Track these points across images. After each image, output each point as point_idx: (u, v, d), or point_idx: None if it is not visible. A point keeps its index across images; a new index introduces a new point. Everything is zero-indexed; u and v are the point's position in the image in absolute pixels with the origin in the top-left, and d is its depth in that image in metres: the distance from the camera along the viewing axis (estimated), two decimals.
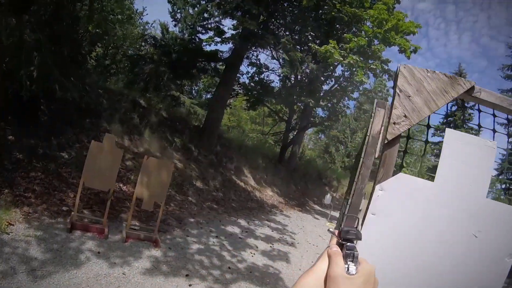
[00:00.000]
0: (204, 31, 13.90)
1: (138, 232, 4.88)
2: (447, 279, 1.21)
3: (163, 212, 5.44)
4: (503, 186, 18.28)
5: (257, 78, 15.58)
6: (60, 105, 6.15)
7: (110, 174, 4.57)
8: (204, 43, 13.55)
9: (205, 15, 13.73)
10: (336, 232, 0.65)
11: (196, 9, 13.83)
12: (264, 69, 15.46)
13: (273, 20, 12.71)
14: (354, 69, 11.31)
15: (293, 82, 14.60)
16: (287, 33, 12.97)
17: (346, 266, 0.57)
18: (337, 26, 13.19)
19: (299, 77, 14.12)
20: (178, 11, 14.55)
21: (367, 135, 1.46)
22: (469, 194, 1.22)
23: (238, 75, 14.49)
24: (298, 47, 13.14)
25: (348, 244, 0.60)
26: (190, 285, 3.90)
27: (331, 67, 13.57)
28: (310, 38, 12.04)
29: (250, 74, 15.76)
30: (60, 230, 4.15)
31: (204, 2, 13.05)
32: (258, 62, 15.22)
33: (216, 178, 10.60)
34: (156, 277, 3.83)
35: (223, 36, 12.66)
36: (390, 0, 11.78)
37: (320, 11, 12.56)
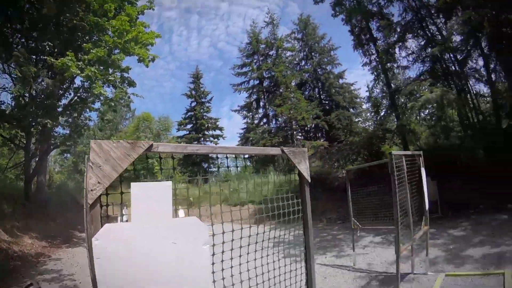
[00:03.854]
0: None
1: None
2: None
3: None
4: None
5: None
6: None
7: None
8: None
9: None
10: None
11: None
12: None
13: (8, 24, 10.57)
14: (93, 81, 11.03)
15: (27, 100, 12.35)
16: (23, 40, 11.15)
17: None
18: (79, 34, 12.35)
19: (34, 93, 12.12)
20: None
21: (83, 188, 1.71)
22: (160, 219, 1.69)
23: None
24: (33, 56, 11.55)
25: None
26: None
27: (69, 80, 12.57)
28: (48, 49, 10.65)
29: None
30: None
31: None
32: None
33: None
34: None
35: None
36: (133, 12, 12.19)
37: (62, 17, 11.58)
